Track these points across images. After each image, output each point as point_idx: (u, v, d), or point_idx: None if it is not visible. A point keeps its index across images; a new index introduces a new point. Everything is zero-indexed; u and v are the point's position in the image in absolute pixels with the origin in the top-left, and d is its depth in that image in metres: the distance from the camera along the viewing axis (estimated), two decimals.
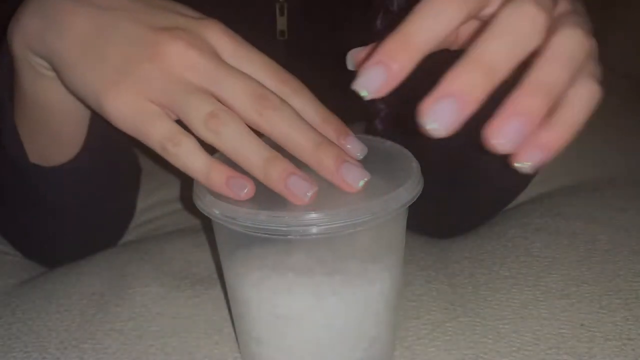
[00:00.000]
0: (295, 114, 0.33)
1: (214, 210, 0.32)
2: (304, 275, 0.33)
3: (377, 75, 0.26)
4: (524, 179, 0.54)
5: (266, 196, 0.32)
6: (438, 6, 0.26)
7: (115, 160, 0.52)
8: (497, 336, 0.40)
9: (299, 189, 0.32)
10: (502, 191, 0.55)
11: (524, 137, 0.25)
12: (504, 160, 0.27)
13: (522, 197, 0.62)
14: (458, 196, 0.53)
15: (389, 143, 0.38)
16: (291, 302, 0.33)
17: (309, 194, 0.31)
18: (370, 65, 0.26)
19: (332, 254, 0.33)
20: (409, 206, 0.33)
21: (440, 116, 0.24)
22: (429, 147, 0.34)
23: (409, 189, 0.32)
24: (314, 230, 0.30)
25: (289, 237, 0.31)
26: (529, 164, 0.26)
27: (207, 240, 0.52)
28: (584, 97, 0.27)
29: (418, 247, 0.51)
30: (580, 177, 0.64)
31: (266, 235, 0.31)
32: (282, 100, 0.33)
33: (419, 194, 0.33)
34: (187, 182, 0.35)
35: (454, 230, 0.55)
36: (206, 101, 0.32)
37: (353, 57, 0.36)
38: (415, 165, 0.35)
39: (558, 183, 0.63)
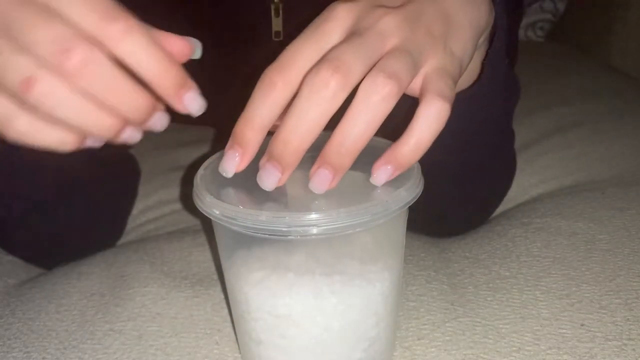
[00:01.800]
0: (106, 73, 0.26)
1: (214, 210, 0.32)
2: (304, 276, 0.33)
3: (230, 160, 0.32)
4: (511, 173, 0.55)
5: (266, 196, 0.32)
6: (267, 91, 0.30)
7: None
8: (497, 336, 0.40)
9: None
10: (497, 187, 0.55)
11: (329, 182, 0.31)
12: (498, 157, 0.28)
13: (522, 197, 0.62)
14: (457, 196, 0.53)
15: (389, 143, 0.38)
16: (291, 302, 0.33)
17: None
18: (225, 150, 0.32)
19: (332, 255, 0.33)
20: (409, 206, 0.33)
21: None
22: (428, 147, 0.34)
23: (409, 190, 0.32)
24: (314, 230, 0.30)
25: (289, 237, 0.31)
26: (382, 179, 0.32)
27: (207, 240, 0.52)
28: (430, 116, 0.30)
29: (418, 247, 0.51)
30: (580, 177, 0.64)
31: (266, 236, 0.31)
32: (91, 57, 0.26)
33: (419, 195, 0.33)
34: (186, 183, 0.35)
35: (454, 230, 0.55)
36: (15, 61, 0.25)
37: None
38: (415, 165, 0.35)
39: (558, 183, 0.63)
